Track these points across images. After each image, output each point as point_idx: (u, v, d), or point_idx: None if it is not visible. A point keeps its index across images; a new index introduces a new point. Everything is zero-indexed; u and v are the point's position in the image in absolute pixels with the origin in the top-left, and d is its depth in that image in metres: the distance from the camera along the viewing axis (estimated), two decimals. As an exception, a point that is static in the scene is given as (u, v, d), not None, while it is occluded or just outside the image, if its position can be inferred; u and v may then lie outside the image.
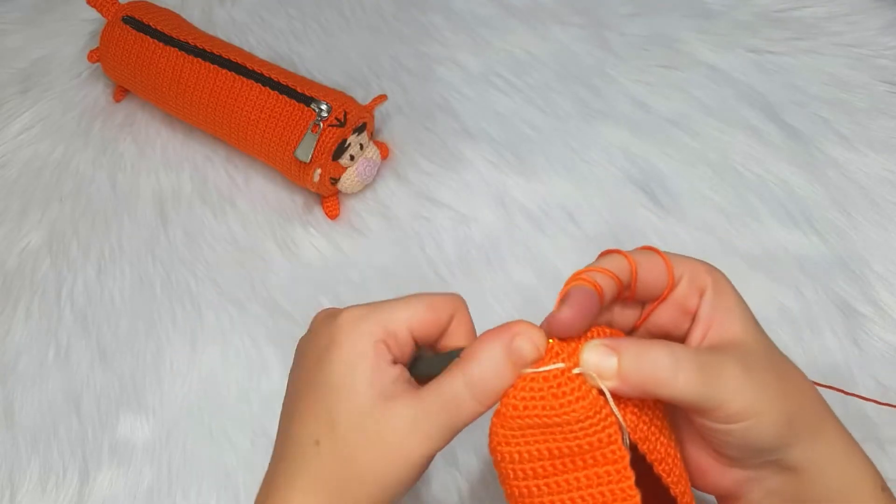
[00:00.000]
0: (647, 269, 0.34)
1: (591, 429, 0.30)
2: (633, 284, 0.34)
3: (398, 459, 0.32)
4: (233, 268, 0.58)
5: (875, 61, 0.64)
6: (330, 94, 0.57)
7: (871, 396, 0.49)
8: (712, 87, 0.64)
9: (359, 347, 0.33)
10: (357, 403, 0.32)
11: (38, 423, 0.53)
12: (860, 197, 0.58)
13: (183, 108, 0.61)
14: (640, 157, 0.61)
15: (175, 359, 0.55)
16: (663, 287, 0.34)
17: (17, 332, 0.57)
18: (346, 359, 0.33)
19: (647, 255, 0.34)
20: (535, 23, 0.70)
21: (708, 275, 0.34)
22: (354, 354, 0.33)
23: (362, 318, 0.34)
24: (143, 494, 0.50)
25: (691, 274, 0.34)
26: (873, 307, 0.53)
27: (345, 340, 0.33)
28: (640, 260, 0.34)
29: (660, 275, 0.34)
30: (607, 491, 0.30)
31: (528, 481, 0.31)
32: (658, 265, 0.34)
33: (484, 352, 0.31)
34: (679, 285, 0.34)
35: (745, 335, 0.33)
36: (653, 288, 0.34)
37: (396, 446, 0.32)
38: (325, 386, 0.33)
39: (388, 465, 0.32)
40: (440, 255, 0.57)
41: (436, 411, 0.31)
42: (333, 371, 0.33)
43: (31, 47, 0.73)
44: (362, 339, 0.33)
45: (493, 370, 0.31)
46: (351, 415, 0.32)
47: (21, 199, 0.63)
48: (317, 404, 0.33)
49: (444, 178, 0.61)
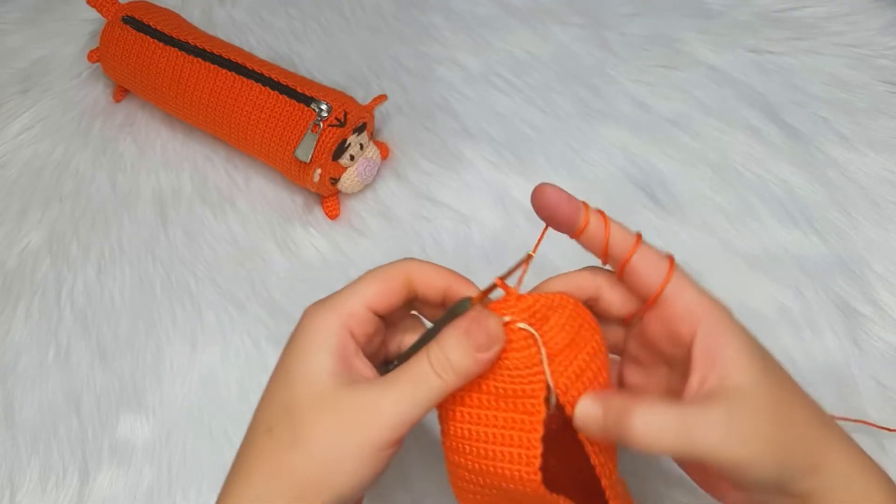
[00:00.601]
0: (644, 267, 0.34)
1: (517, 378, 0.33)
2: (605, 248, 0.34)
3: (360, 440, 0.31)
4: (233, 268, 0.58)
5: (875, 61, 0.64)
6: (330, 94, 0.57)
7: (871, 396, 0.49)
8: (712, 87, 0.64)
9: (319, 338, 0.34)
10: (315, 388, 0.32)
11: (38, 423, 0.53)
12: (860, 197, 0.58)
13: (183, 108, 0.61)
14: (640, 157, 0.61)
15: (175, 359, 0.55)
16: (653, 289, 0.34)
17: (17, 332, 0.57)
18: (304, 349, 0.34)
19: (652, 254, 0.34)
20: (535, 23, 0.70)
21: (706, 311, 0.33)
22: (313, 345, 0.33)
23: (317, 311, 0.35)
24: (143, 494, 0.50)
25: (688, 303, 0.33)
26: (873, 307, 0.53)
27: (303, 334, 0.34)
28: (640, 257, 0.34)
29: (654, 275, 0.33)
30: (516, 436, 0.33)
31: (456, 406, 0.34)
32: (656, 266, 0.34)
33: (445, 336, 0.33)
34: (673, 305, 0.33)
35: (744, 381, 0.32)
36: (643, 285, 0.34)
37: (356, 427, 0.31)
38: (283, 376, 0.34)
39: (349, 448, 0.31)
40: (440, 255, 0.57)
41: (400, 389, 0.32)
42: (291, 362, 0.34)
43: (31, 47, 0.73)
44: (322, 330, 0.34)
45: (453, 350, 0.33)
46: (308, 398, 0.32)
47: (21, 199, 0.63)
48: (273, 394, 0.34)
49: (444, 178, 0.61)
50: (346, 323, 0.34)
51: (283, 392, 0.33)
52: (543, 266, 0.57)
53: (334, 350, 0.33)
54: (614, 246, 0.34)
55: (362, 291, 0.35)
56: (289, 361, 0.34)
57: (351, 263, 0.58)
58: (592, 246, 0.35)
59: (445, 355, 0.32)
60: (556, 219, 0.35)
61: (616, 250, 0.34)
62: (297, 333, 0.35)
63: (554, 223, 0.35)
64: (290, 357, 0.34)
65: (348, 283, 0.36)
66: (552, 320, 0.34)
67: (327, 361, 0.33)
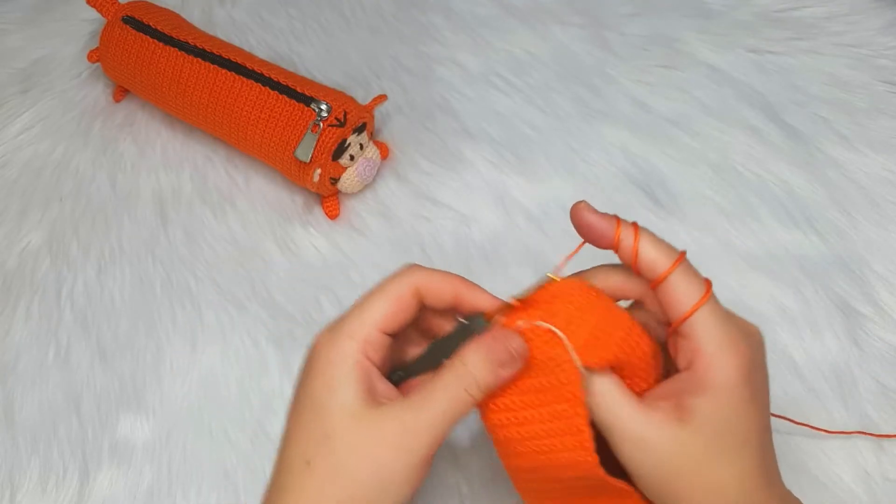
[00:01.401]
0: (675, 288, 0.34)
1: (551, 371, 0.34)
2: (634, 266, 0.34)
3: (403, 463, 0.32)
4: (233, 268, 0.58)
5: (875, 61, 0.64)
6: (330, 94, 0.57)
7: (872, 396, 0.49)
8: (712, 87, 0.64)
9: (343, 369, 0.34)
10: (351, 418, 0.33)
11: (38, 423, 0.53)
12: (860, 197, 0.58)
13: (183, 108, 0.61)
14: (640, 157, 0.61)
15: (175, 359, 0.55)
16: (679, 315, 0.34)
17: (17, 332, 0.57)
18: (329, 380, 0.34)
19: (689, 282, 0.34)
20: (535, 23, 0.70)
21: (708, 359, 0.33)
22: (339, 375, 0.34)
23: (334, 340, 0.35)
24: (143, 494, 0.50)
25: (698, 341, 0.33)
26: (873, 307, 0.53)
27: (324, 364, 0.34)
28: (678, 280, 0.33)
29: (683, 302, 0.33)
30: (564, 425, 0.34)
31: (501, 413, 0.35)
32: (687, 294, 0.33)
33: (470, 354, 0.34)
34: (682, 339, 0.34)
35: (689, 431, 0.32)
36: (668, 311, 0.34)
37: (395, 447, 0.32)
38: (312, 408, 0.34)
39: (393, 472, 0.32)
40: (440, 255, 0.57)
41: (432, 407, 0.33)
42: (318, 394, 0.34)
43: (31, 47, 0.73)
44: (344, 361, 0.34)
45: (476, 367, 0.34)
46: (345, 428, 0.33)
47: (21, 199, 0.63)
48: (305, 426, 0.34)
49: (444, 178, 0.61)
50: (364, 350, 0.35)
51: (317, 424, 0.34)
52: (544, 265, 0.57)
53: (359, 378, 0.34)
54: (647, 265, 0.34)
55: (374, 314, 0.35)
56: (315, 393, 0.34)
57: (351, 263, 0.58)
58: (627, 262, 0.35)
59: (471, 373, 0.33)
60: (591, 238, 0.35)
61: (649, 270, 0.34)
62: (316, 363, 0.35)
63: (592, 242, 0.36)
64: (316, 388, 0.34)
65: (357, 301, 0.36)
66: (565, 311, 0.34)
67: (356, 390, 0.34)
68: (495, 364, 0.33)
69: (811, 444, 0.48)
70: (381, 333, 0.35)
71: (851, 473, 0.47)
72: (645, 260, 0.34)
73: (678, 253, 0.34)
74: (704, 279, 0.34)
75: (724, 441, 0.32)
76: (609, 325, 0.34)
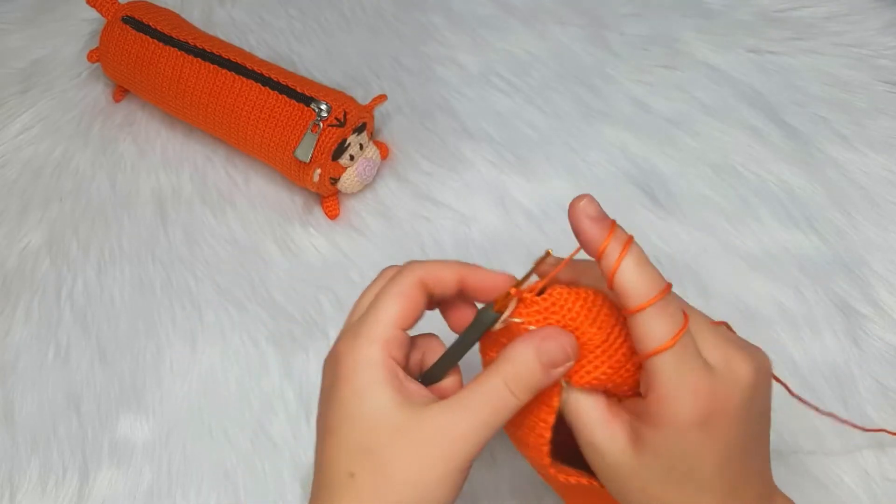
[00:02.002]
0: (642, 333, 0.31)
1: None
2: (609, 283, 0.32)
3: (446, 468, 0.31)
4: (233, 268, 0.58)
5: (875, 61, 0.64)
6: (330, 94, 0.57)
7: (871, 396, 0.49)
8: (712, 87, 0.64)
9: (372, 373, 0.33)
10: (391, 425, 0.32)
11: (38, 423, 0.53)
12: (860, 197, 0.58)
13: (183, 108, 0.61)
14: (640, 157, 0.61)
15: (175, 359, 0.55)
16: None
17: (17, 332, 0.57)
18: (361, 387, 0.33)
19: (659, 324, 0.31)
20: (535, 23, 0.70)
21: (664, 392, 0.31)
22: (370, 381, 0.33)
23: (356, 345, 0.34)
24: (143, 494, 0.50)
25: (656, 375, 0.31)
26: (873, 307, 0.53)
27: (352, 371, 0.33)
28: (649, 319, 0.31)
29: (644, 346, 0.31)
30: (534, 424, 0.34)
31: None
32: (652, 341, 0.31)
33: (517, 354, 0.33)
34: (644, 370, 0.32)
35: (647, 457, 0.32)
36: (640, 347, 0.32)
37: (439, 454, 0.31)
38: (348, 417, 0.33)
39: (437, 478, 0.31)
40: (440, 256, 0.57)
41: (475, 410, 0.32)
42: (351, 403, 0.33)
43: (31, 47, 0.73)
44: (372, 364, 0.33)
45: (526, 367, 0.32)
46: (387, 437, 0.32)
47: (21, 199, 0.63)
48: (344, 437, 0.33)
49: (444, 178, 0.61)
50: (389, 350, 0.34)
51: (356, 434, 0.33)
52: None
53: (390, 381, 0.33)
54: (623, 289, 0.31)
55: (389, 314, 0.34)
56: (346, 402, 0.33)
57: (351, 263, 0.58)
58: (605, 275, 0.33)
59: (519, 373, 0.32)
60: (580, 241, 0.33)
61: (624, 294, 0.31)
62: (341, 372, 0.34)
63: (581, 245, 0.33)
64: (345, 398, 0.33)
65: (369, 308, 0.35)
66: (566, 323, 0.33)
67: (390, 394, 0.33)
68: (547, 364, 0.32)
69: (811, 444, 0.48)
70: (399, 331, 0.34)
71: (852, 473, 0.47)
72: (622, 285, 0.31)
73: (663, 283, 0.31)
74: (684, 314, 0.31)
75: (675, 477, 0.32)
76: (609, 343, 0.33)
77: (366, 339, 0.34)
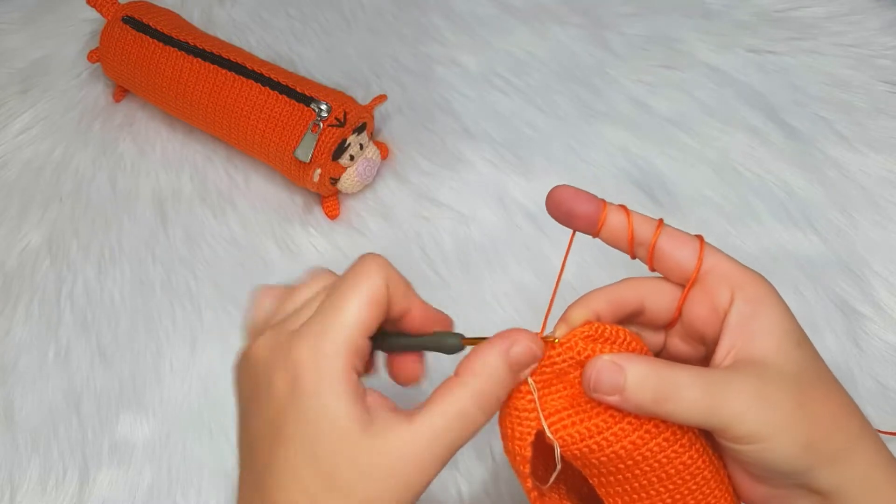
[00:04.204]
0: (673, 246, 0.33)
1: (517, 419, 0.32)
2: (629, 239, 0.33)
3: (403, 493, 0.30)
4: (233, 268, 0.58)
5: (875, 61, 0.64)
6: (330, 94, 0.57)
7: (871, 396, 0.49)
8: (712, 87, 0.64)
9: (331, 385, 0.30)
10: (351, 446, 0.29)
11: (38, 423, 0.53)
12: (860, 197, 0.58)
13: (183, 108, 0.61)
14: (640, 157, 0.61)
15: (175, 359, 0.55)
16: (687, 272, 0.33)
17: (17, 332, 0.57)
18: (323, 401, 0.30)
19: (679, 235, 0.34)
20: (535, 23, 0.70)
21: (746, 281, 0.32)
22: (328, 394, 0.29)
23: (319, 347, 0.30)
24: (143, 494, 0.50)
25: (727, 273, 0.33)
26: (873, 307, 0.53)
27: (311, 382, 0.30)
28: (667, 238, 0.33)
29: (685, 257, 0.33)
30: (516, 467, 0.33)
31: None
32: (687, 246, 0.33)
33: (485, 365, 0.31)
34: (709, 279, 0.33)
35: (775, 355, 0.31)
36: (678, 268, 0.33)
37: (403, 483, 0.29)
38: (304, 437, 0.30)
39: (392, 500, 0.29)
40: (440, 256, 0.57)
41: (442, 432, 0.30)
42: (309, 414, 0.30)
43: (31, 47, 0.73)
44: (331, 374, 0.30)
45: (496, 381, 0.31)
46: (346, 460, 0.29)
47: (21, 199, 0.63)
48: (305, 457, 0.30)
49: (444, 178, 0.61)
50: (353, 362, 0.30)
51: (319, 457, 0.29)
52: (544, 265, 0.57)
53: (354, 399, 0.30)
54: (639, 235, 0.33)
55: (357, 317, 0.31)
56: (310, 419, 0.30)
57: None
58: (616, 241, 0.34)
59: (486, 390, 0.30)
60: (573, 216, 0.33)
61: (641, 239, 0.33)
62: (303, 383, 0.30)
63: (571, 222, 0.34)
64: (309, 413, 0.30)
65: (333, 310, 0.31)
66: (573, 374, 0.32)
67: (355, 413, 0.29)
68: (515, 368, 0.31)
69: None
70: (365, 340, 0.31)
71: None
72: (636, 232, 0.33)
73: (657, 220, 0.34)
74: (693, 235, 0.34)
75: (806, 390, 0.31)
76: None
77: (332, 343, 0.30)
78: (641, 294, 0.34)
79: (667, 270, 0.34)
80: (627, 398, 0.30)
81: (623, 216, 0.33)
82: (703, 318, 0.33)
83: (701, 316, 0.33)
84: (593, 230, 0.34)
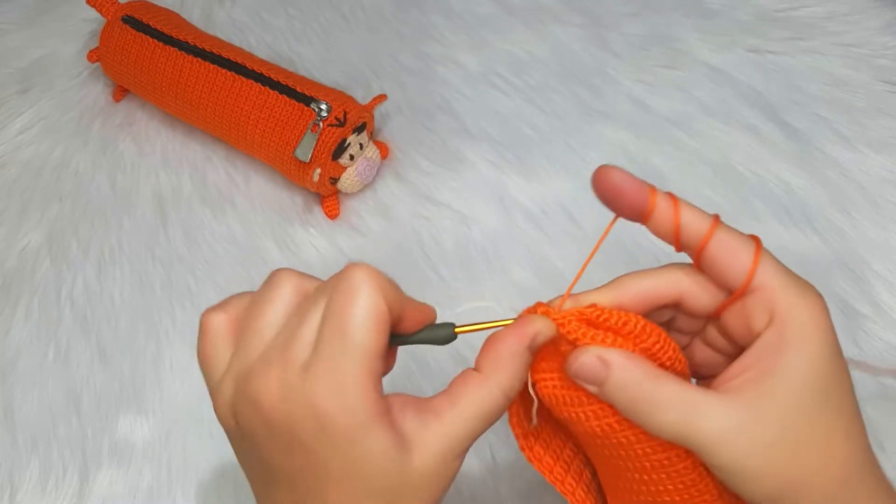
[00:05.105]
0: (724, 253, 0.31)
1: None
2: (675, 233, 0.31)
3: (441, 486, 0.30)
4: (233, 268, 0.58)
5: (875, 61, 0.64)
6: (330, 93, 0.57)
7: (871, 396, 0.49)
8: (712, 87, 0.64)
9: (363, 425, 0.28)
10: (398, 474, 0.29)
11: (38, 423, 0.53)
12: (860, 197, 0.58)
13: (183, 108, 0.61)
14: (640, 157, 0.61)
15: (175, 359, 0.55)
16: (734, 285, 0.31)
17: (17, 332, 0.57)
18: (358, 448, 0.29)
19: (733, 237, 0.31)
20: (535, 23, 0.70)
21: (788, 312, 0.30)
22: (363, 437, 0.28)
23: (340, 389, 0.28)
24: (143, 494, 0.50)
25: (771, 298, 0.30)
26: (873, 307, 0.53)
27: (342, 426, 0.28)
28: (719, 244, 0.31)
29: (735, 274, 0.31)
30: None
31: None
32: (739, 254, 0.31)
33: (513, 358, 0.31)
34: (751, 299, 0.31)
35: (784, 396, 0.29)
36: (725, 276, 0.31)
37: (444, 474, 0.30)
38: (353, 478, 0.29)
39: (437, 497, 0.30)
40: (440, 256, 0.57)
41: (471, 431, 0.30)
42: (351, 458, 0.29)
43: (31, 47, 0.73)
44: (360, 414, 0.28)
45: (521, 371, 0.31)
46: (400, 485, 0.29)
47: (21, 199, 0.63)
48: (353, 488, 0.29)
49: (444, 178, 0.61)
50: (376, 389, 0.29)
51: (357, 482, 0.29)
52: (544, 265, 0.57)
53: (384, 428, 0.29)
54: (688, 231, 0.31)
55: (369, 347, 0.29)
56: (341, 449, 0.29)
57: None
58: (663, 233, 0.32)
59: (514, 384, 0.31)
60: (621, 203, 0.31)
61: (690, 236, 0.31)
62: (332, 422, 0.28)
63: (618, 208, 0.31)
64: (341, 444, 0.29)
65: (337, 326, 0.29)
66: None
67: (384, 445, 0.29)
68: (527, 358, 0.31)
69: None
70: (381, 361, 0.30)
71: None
72: (686, 223, 0.31)
73: (712, 216, 0.31)
74: (749, 236, 0.32)
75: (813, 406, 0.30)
76: None
77: (353, 387, 0.28)
78: (681, 289, 0.32)
79: (713, 276, 0.32)
80: (604, 395, 0.30)
81: (672, 208, 0.31)
82: (737, 330, 0.32)
83: (735, 327, 0.32)
84: (641, 218, 0.32)
